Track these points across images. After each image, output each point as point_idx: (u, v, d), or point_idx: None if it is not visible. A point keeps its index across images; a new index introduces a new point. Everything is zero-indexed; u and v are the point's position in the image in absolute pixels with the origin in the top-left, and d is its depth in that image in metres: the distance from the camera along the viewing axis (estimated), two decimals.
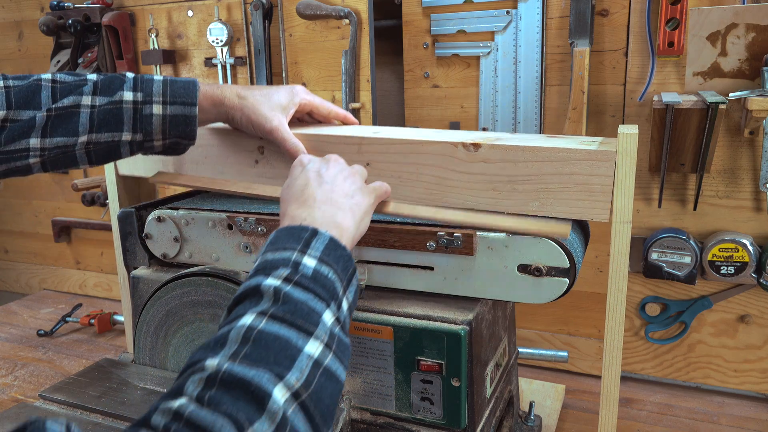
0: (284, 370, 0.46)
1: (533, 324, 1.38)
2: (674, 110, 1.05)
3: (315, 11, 1.37)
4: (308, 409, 0.46)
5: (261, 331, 0.48)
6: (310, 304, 0.52)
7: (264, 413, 0.43)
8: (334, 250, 0.57)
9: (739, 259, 1.12)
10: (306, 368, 0.47)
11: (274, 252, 0.56)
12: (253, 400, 0.43)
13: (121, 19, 1.61)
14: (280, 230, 0.60)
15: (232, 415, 0.42)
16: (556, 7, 1.22)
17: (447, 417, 0.82)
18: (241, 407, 0.43)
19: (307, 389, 0.46)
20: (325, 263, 0.56)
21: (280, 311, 0.50)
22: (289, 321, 0.49)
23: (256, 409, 0.43)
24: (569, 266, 0.76)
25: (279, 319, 0.49)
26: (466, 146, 0.79)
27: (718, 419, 1.18)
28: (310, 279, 0.53)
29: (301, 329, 0.49)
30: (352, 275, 0.59)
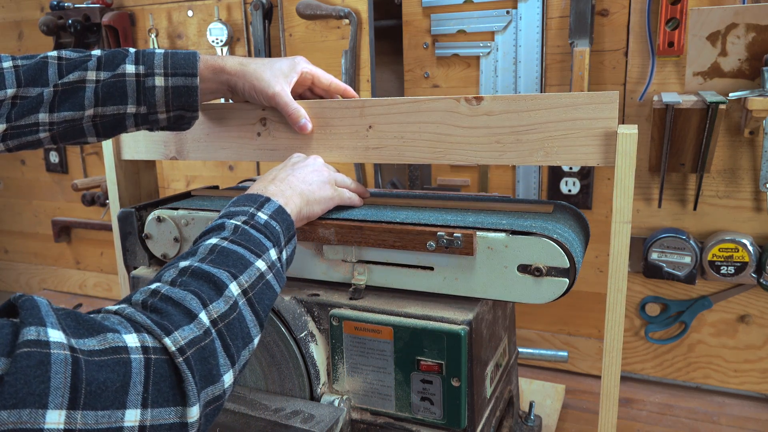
0: (238, 273, 0.60)
1: (533, 324, 1.38)
2: (674, 110, 1.05)
3: (315, 11, 1.37)
4: (253, 304, 0.60)
5: (223, 248, 0.62)
6: (261, 239, 0.66)
7: (222, 297, 0.57)
8: (281, 214, 0.71)
9: (739, 259, 1.12)
10: (254, 276, 0.61)
11: (235, 207, 0.70)
12: (214, 287, 0.57)
13: (121, 19, 1.61)
14: (240, 195, 0.73)
15: (197, 293, 0.55)
16: (556, 7, 1.22)
17: (447, 417, 0.82)
18: (205, 290, 0.56)
19: (253, 290, 0.60)
20: (274, 219, 0.69)
21: (238, 238, 0.64)
22: (244, 245, 0.63)
23: (216, 293, 0.57)
24: (569, 266, 0.76)
25: (237, 243, 0.63)
26: (469, 100, 0.79)
27: (718, 419, 1.18)
28: (262, 225, 0.67)
29: (252, 252, 0.63)
30: (292, 236, 0.72)
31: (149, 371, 0.48)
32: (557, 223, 0.80)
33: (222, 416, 0.82)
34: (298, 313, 0.87)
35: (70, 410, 0.43)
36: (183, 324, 0.52)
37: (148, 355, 0.49)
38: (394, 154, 0.85)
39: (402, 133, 0.84)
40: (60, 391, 0.43)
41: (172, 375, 0.49)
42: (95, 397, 0.44)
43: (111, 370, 0.46)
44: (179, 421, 0.50)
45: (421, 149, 0.83)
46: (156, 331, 0.50)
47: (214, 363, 0.53)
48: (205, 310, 0.55)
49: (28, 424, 0.41)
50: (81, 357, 0.45)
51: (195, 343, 0.52)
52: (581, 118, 0.75)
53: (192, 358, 0.51)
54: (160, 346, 0.50)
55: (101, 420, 0.45)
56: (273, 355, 0.87)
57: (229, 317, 0.56)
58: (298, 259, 0.91)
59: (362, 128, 0.86)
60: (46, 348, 0.43)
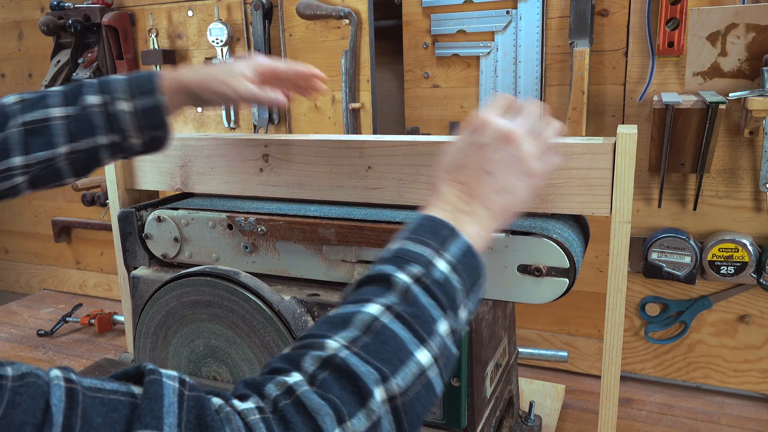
0: (391, 372, 0.47)
1: (533, 324, 1.38)
2: (674, 110, 1.05)
3: (315, 11, 1.37)
4: (399, 413, 0.47)
5: (384, 326, 0.49)
6: (431, 311, 0.52)
7: (364, 409, 0.45)
8: (467, 257, 0.56)
9: (739, 259, 1.12)
10: (410, 375, 0.48)
11: (412, 243, 0.56)
12: (357, 393, 0.45)
13: (121, 19, 1.61)
14: (425, 217, 0.58)
15: (337, 405, 0.44)
16: (556, 7, 1.22)
17: (447, 417, 0.82)
18: (346, 399, 0.45)
19: (405, 396, 0.47)
20: (456, 271, 0.55)
21: (405, 311, 0.51)
22: (410, 324, 0.50)
23: (358, 402, 0.45)
24: (569, 266, 0.76)
25: (402, 319, 0.50)
26: None
27: (718, 419, 1.18)
28: (438, 284, 0.53)
29: (417, 335, 0.50)
30: (476, 283, 0.57)
31: None
32: (557, 222, 0.80)
33: None
34: (298, 313, 0.87)
35: None
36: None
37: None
38: (393, 195, 0.85)
39: (400, 175, 0.84)
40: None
41: None
42: None
43: None
44: None
45: (419, 191, 0.83)
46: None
47: None
48: (340, 428, 0.44)
49: None
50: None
51: None
52: (578, 168, 0.75)
53: None
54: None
55: None
56: (273, 355, 0.87)
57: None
58: (298, 259, 0.92)
59: (362, 168, 0.86)
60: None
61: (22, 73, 1.87)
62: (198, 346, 0.93)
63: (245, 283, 0.86)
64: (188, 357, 0.94)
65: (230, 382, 0.92)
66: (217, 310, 0.89)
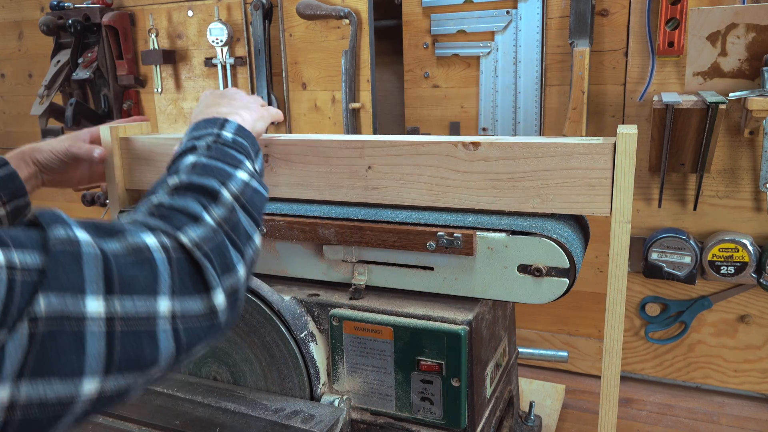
0: (226, 181, 0.63)
1: (533, 324, 1.38)
2: (674, 110, 1.05)
3: (315, 11, 1.37)
4: (247, 208, 0.63)
5: (204, 163, 0.65)
6: (234, 153, 0.69)
7: (218, 202, 0.60)
8: (242, 131, 0.75)
9: (739, 259, 1.12)
10: (240, 184, 0.64)
11: (198, 131, 0.73)
12: (209, 195, 0.61)
13: (121, 19, 1.61)
14: (198, 121, 0.75)
15: (197, 199, 0.59)
16: (556, 7, 1.22)
17: (447, 417, 0.82)
18: (202, 198, 0.60)
19: (243, 196, 0.64)
20: (239, 136, 0.73)
21: (214, 154, 0.67)
22: (221, 159, 0.67)
23: (212, 199, 0.60)
24: (569, 266, 0.76)
25: (214, 158, 0.66)
26: (466, 145, 0.79)
27: (718, 419, 1.18)
28: (230, 142, 0.71)
29: (230, 164, 0.66)
30: (258, 150, 0.76)
31: (173, 267, 0.52)
32: (557, 222, 0.80)
33: (222, 416, 0.83)
34: (298, 313, 0.87)
35: (108, 297, 0.46)
36: (192, 225, 0.56)
37: (169, 254, 0.52)
38: (393, 195, 0.85)
39: (400, 175, 0.84)
40: (95, 281, 0.46)
41: (192, 269, 0.53)
42: (129, 288, 0.48)
43: (139, 268, 0.49)
44: (207, 308, 0.53)
45: (419, 191, 0.83)
46: (171, 232, 0.54)
47: (228, 255, 0.57)
48: (208, 213, 0.59)
49: (72, 311, 0.44)
50: (110, 256, 0.48)
51: (207, 239, 0.56)
52: (577, 168, 0.75)
53: (208, 251, 0.55)
54: (177, 244, 0.54)
55: (139, 308, 0.48)
56: (273, 355, 0.87)
57: (231, 220, 0.60)
58: (298, 259, 0.92)
59: (362, 168, 0.86)
60: (77, 246, 0.46)
61: (22, 73, 1.87)
62: None
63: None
64: None
65: (230, 381, 0.92)
66: None
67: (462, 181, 0.80)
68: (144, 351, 0.48)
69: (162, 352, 0.49)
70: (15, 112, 1.91)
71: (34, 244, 0.45)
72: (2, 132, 1.95)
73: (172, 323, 0.50)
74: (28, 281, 0.42)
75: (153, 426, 0.82)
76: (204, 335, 0.54)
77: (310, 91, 1.48)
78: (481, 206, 0.80)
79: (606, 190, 0.74)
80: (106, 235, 0.50)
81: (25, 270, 0.43)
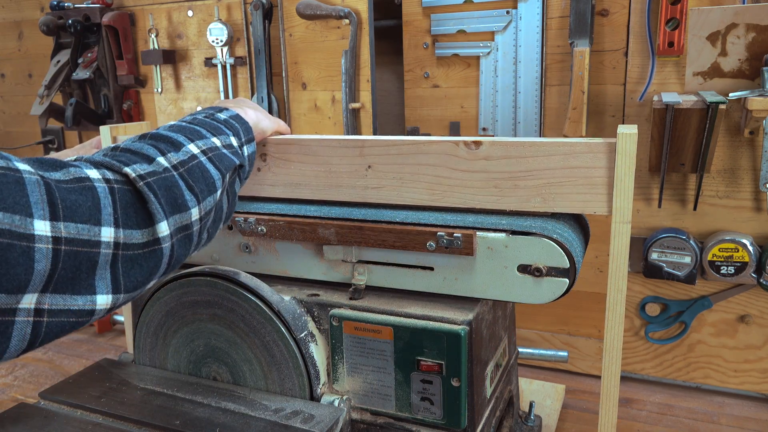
0: (196, 140, 0.65)
1: (533, 324, 1.38)
2: (674, 110, 1.05)
3: (315, 11, 1.37)
4: (213, 160, 0.65)
5: (182, 125, 0.68)
6: (221, 127, 0.70)
7: (180, 151, 0.62)
8: (239, 119, 0.77)
9: (739, 259, 1.12)
10: (210, 145, 0.66)
11: (195, 114, 0.74)
12: (172, 144, 0.62)
13: (121, 19, 1.61)
14: (201, 110, 0.77)
15: (155, 146, 0.61)
16: (556, 7, 1.22)
17: (447, 417, 0.82)
18: (162, 146, 0.61)
19: (212, 152, 0.65)
20: (233, 119, 0.75)
21: (197, 121, 0.69)
22: (203, 126, 0.69)
23: (174, 148, 0.62)
24: (569, 266, 0.76)
25: (195, 123, 0.69)
26: (467, 144, 0.79)
27: (718, 419, 1.18)
28: (221, 120, 0.73)
29: (209, 131, 0.68)
30: (251, 139, 0.78)
31: (115, 197, 0.53)
32: (557, 223, 0.80)
33: (222, 416, 0.83)
34: (298, 313, 0.87)
35: (53, 221, 0.47)
36: (142, 163, 0.57)
37: (111, 185, 0.53)
38: (393, 194, 0.85)
39: (401, 174, 0.84)
40: (40, 204, 0.47)
41: (136, 200, 0.55)
42: (72, 213, 0.49)
43: (80, 194, 0.50)
44: (151, 238, 0.55)
45: (420, 191, 0.83)
46: (115, 165, 0.55)
47: (179, 194, 0.58)
48: (164, 156, 0.60)
49: (20, 228, 0.45)
50: (51, 182, 0.48)
51: (155, 174, 0.57)
52: (579, 167, 0.75)
53: (154, 184, 0.56)
54: (122, 177, 0.55)
55: (82, 231, 0.49)
56: (273, 355, 0.87)
57: (189, 164, 0.61)
58: (298, 259, 0.92)
59: (362, 168, 0.86)
60: (17, 172, 0.47)
61: (22, 73, 1.87)
62: (198, 346, 0.93)
63: (245, 283, 0.86)
64: (188, 357, 0.94)
65: (230, 382, 0.92)
66: (216, 310, 0.89)
67: (463, 181, 0.80)
68: (82, 275, 0.50)
69: (99, 283, 0.51)
70: (15, 112, 1.91)
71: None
72: (2, 132, 1.95)
73: (113, 250, 0.52)
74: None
75: (153, 426, 0.83)
76: (147, 265, 0.55)
77: (310, 91, 1.48)
78: (483, 206, 0.80)
79: (606, 190, 0.74)
80: (48, 167, 0.51)
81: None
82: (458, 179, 0.80)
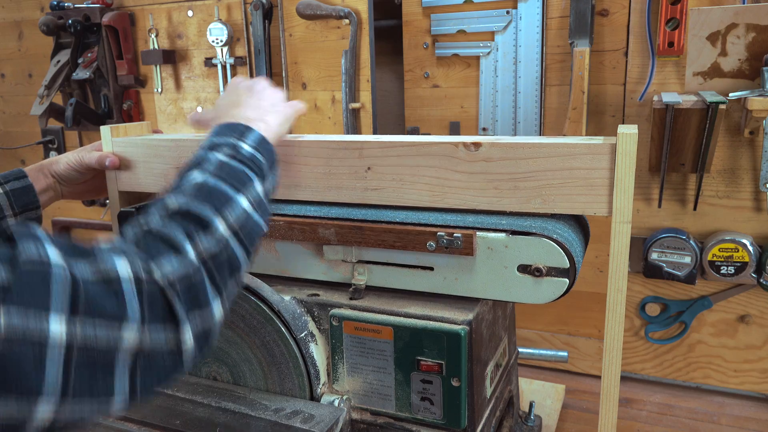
0: (225, 210, 0.61)
1: (533, 324, 1.38)
2: (674, 110, 1.05)
3: (315, 11, 1.37)
4: (242, 239, 0.61)
5: (208, 186, 0.63)
6: (245, 172, 0.67)
7: (209, 233, 0.59)
8: (263, 144, 0.72)
9: (739, 259, 1.12)
10: (239, 213, 0.62)
11: (217, 137, 0.70)
12: (201, 224, 0.59)
13: (121, 19, 1.61)
14: (221, 125, 0.73)
15: (185, 228, 0.58)
16: (556, 7, 1.22)
17: (447, 417, 0.82)
18: (192, 227, 0.58)
19: (240, 226, 0.62)
20: (257, 150, 0.71)
21: (223, 173, 0.65)
22: (229, 181, 0.64)
23: (203, 230, 0.59)
24: (569, 266, 0.76)
25: (221, 179, 0.64)
26: (467, 146, 0.79)
27: (718, 419, 1.18)
28: (246, 157, 0.69)
29: (236, 188, 0.64)
30: (274, 163, 0.74)
31: (142, 298, 0.51)
32: (557, 223, 0.80)
33: (222, 416, 0.83)
34: (298, 313, 0.87)
35: (72, 319, 0.46)
36: (172, 259, 0.55)
37: (140, 285, 0.52)
38: (393, 196, 0.84)
39: (401, 176, 0.83)
40: (60, 302, 0.45)
41: (162, 303, 0.53)
42: (93, 313, 0.47)
43: (105, 296, 0.49)
44: (174, 344, 0.53)
45: (420, 192, 0.83)
46: (145, 263, 0.53)
47: (203, 294, 0.57)
48: (192, 244, 0.57)
49: (33, 330, 0.44)
50: (79, 279, 0.47)
51: (182, 276, 0.55)
52: (579, 168, 0.74)
53: (180, 290, 0.54)
54: (151, 278, 0.53)
55: (100, 335, 0.47)
56: (273, 355, 0.87)
57: (217, 253, 0.59)
58: (298, 259, 0.91)
59: (361, 169, 0.85)
60: (47, 267, 0.46)
61: (22, 73, 1.87)
62: None
63: (245, 283, 0.86)
64: None
65: (230, 382, 0.92)
66: None
67: (463, 182, 0.80)
68: (99, 382, 0.47)
69: (117, 386, 0.49)
70: (15, 112, 1.91)
71: (2, 259, 0.45)
72: (2, 132, 1.95)
73: (133, 357, 0.49)
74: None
75: (153, 426, 0.83)
76: (165, 373, 0.53)
77: (310, 91, 1.48)
78: (483, 207, 0.80)
79: (606, 190, 0.74)
80: (79, 256, 0.50)
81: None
82: (458, 181, 0.80)
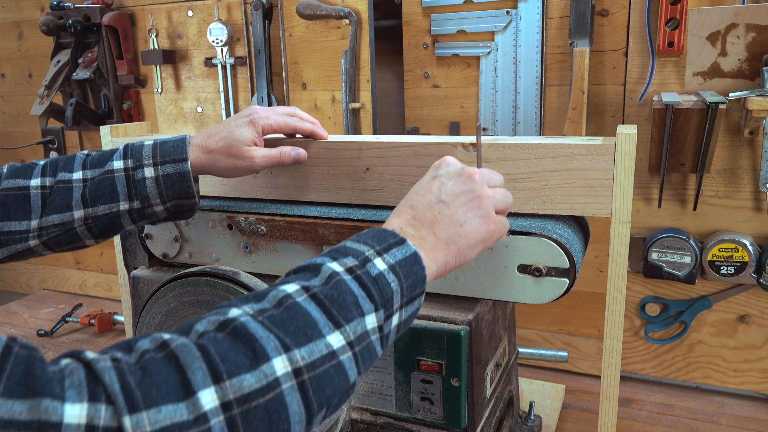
0: (295, 345, 0.45)
1: (533, 324, 1.38)
2: (674, 110, 1.05)
3: (315, 11, 1.37)
4: (307, 389, 0.44)
5: (296, 303, 0.47)
6: (360, 300, 0.50)
7: (255, 371, 0.42)
8: (410, 265, 0.54)
9: (739, 259, 1.12)
10: (317, 352, 0.45)
11: (354, 242, 0.55)
12: (251, 356, 0.42)
13: (121, 19, 1.61)
14: (373, 228, 0.58)
15: (215, 362, 0.41)
16: (556, 7, 1.22)
17: (447, 417, 0.82)
18: (233, 358, 0.42)
19: (312, 372, 0.45)
20: (394, 273, 0.53)
21: (323, 293, 0.49)
22: (326, 306, 0.48)
23: (249, 364, 0.42)
24: (569, 266, 0.76)
25: (317, 300, 0.48)
26: (465, 146, 0.79)
27: (718, 419, 1.18)
28: (372, 279, 0.51)
29: (331, 319, 0.48)
30: (416, 296, 0.55)
31: None
32: (557, 223, 0.80)
33: None
34: None
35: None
36: (167, 401, 0.38)
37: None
38: (392, 196, 0.85)
39: (399, 176, 0.83)
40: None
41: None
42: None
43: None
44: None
45: None
46: (120, 403, 0.37)
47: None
48: (217, 386, 0.40)
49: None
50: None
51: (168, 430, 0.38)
52: (578, 169, 0.75)
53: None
54: (115, 426, 0.37)
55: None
56: None
57: (254, 401, 0.41)
58: (298, 259, 0.91)
59: (360, 170, 0.85)
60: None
61: (22, 73, 1.87)
62: None
63: (245, 283, 0.85)
64: None
65: None
66: None
67: None
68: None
69: None
70: (15, 112, 1.91)
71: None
72: (2, 132, 1.95)
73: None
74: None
75: None
76: None
77: (310, 91, 1.48)
78: None
79: (606, 191, 0.74)
80: (22, 391, 0.36)
81: None
82: None
